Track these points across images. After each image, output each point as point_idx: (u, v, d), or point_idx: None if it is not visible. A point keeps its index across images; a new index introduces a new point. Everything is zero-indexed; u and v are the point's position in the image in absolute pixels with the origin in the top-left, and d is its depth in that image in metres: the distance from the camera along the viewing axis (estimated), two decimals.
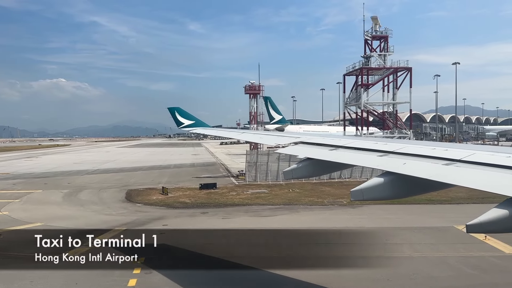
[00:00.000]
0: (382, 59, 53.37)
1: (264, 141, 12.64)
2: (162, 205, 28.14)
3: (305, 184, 36.05)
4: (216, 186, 34.61)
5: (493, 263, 14.79)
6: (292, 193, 32.38)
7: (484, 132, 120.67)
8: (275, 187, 35.01)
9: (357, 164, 7.54)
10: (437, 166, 5.68)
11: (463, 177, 5.17)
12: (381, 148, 7.21)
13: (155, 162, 65.73)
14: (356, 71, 54.78)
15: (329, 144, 8.38)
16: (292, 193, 32.38)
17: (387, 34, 53.87)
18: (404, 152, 6.71)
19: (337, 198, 29.50)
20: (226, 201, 29.01)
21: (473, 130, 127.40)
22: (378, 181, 6.09)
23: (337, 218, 23.40)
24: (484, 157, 5.50)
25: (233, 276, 12.44)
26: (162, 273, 12.46)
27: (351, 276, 12.59)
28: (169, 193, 32.21)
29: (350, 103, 55.64)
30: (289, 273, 12.30)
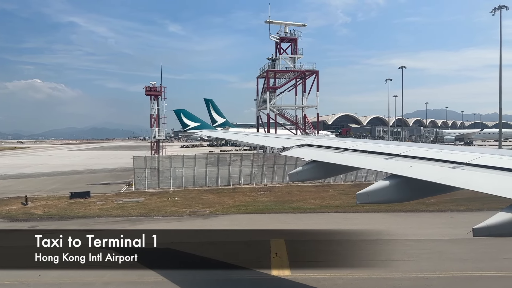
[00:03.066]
0: (292, 62, 52.28)
1: (269, 143, 12.67)
2: (5, 216, 24.71)
3: (193, 192, 33.42)
4: (89, 195, 31.21)
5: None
6: (166, 202, 29.14)
7: (442, 136, 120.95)
8: (156, 196, 31.74)
9: (363, 167, 7.53)
10: (443, 169, 5.67)
11: (470, 180, 5.15)
12: (387, 151, 7.21)
13: (80, 166, 60.49)
14: (262, 74, 53.77)
15: (334, 146, 8.38)
16: (166, 202, 29.14)
17: (295, 37, 52.85)
18: (410, 155, 6.70)
19: (208, 207, 26.99)
20: (80, 213, 25.62)
21: (431, 133, 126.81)
22: (384, 184, 6.08)
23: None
24: (490, 160, 5.49)
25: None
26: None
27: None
28: (31, 202, 28.37)
29: (261, 106, 54.60)
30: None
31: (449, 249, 16.38)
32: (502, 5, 46.32)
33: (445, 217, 23.27)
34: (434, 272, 13.58)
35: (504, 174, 4.98)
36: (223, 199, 30.25)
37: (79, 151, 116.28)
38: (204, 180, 36.42)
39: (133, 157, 36.60)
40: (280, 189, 34.62)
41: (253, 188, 35.23)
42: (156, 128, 47.11)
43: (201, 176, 36.47)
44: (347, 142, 8.65)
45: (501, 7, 46.38)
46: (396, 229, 19.51)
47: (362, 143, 8.47)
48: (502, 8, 46.32)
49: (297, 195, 31.23)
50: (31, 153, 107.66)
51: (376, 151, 7.40)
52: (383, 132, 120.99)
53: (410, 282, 12.87)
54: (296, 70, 52.43)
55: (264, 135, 14.90)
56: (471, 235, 4.52)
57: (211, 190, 34.49)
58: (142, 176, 35.53)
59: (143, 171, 35.43)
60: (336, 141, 9.15)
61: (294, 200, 28.91)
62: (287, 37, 53.05)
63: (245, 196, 31.09)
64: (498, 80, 45.38)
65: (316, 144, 9.02)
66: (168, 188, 35.15)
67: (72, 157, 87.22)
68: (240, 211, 25.62)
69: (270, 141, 12.07)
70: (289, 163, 37.38)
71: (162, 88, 46.65)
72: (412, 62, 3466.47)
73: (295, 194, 31.69)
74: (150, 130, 48.23)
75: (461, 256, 15.23)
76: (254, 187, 35.79)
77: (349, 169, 8.02)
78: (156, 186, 35.35)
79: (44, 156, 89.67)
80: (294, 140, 10.10)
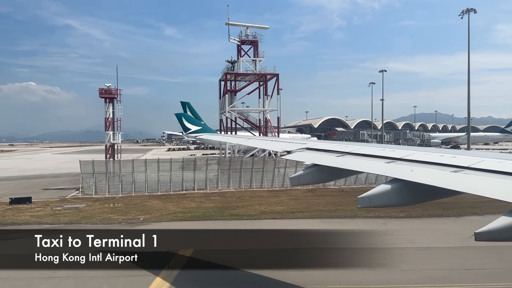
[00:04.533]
0: (254, 65, 51.44)
1: (270, 147, 12.67)
2: None
3: (141, 198, 32.14)
4: (30, 201, 30.02)
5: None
6: (105, 209, 27.86)
7: (429, 140, 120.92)
8: (100, 202, 30.35)
9: (364, 170, 7.52)
10: (445, 173, 5.66)
11: (472, 184, 5.14)
12: (388, 155, 7.20)
13: (49, 170, 58.39)
14: (223, 77, 53.09)
15: (336, 150, 8.38)
16: (105, 209, 27.86)
17: (256, 39, 51.97)
18: (411, 159, 6.69)
19: (146, 214, 25.90)
20: (10, 220, 24.38)
21: (418, 137, 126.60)
22: (385, 188, 6.06)
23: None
24: (492, 165, 5.48)
25: None
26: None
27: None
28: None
29: (222, 109, 53.86)
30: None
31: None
32: (470, 8, 47.18)
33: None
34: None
35: (506, 178, 4.97)
36: (167, 205, 29.04)
37: (61, 154, 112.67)
38: (157, 185, 35.06)
39: (80, 161, 35.09)
40: (233, 194, 33.56)
41: (205, 194, 34.04)
42: (111, 131, 45.11)
43: (154, 181, 35.10)
44: (349, 146, 8.65)
45: (469, 10, 47.11)
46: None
47: (364, 146, 8.46)
48: (470, 11, 47.06)
49: (247, 200, 30.45)
50: (11, 156, 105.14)
51: (377, 155, 7.40)
52: (367, 136, 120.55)
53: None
54: (256, 73, 51.57)
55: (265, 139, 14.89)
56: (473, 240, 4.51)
57: (161, 196, 33.11)
58: (90, 181, 34.19)
59: (92, 176, 34.21)
60: (337, 144, 9.15)
61: (240, 206, 28.12)
62: (248, 39, 51.92)
63: (193, 202, 30.07)
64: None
65: (318, 148, 9.01)
66: (117, 193, 33.75)
67: (49, 160, 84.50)
68: (175, 218, 24.56)
69: (271, 145, 12.08)
70: (256, 168, 36.80)
71: (118, 91, 44.83)
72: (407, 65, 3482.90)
73: (246, 200, 30.86)
74: (105, 134, 45.78)
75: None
76: (207, 192, 34.59)
77: (351, 173, 8.01)
78: (106, 191, 34.00)
79: (21, 160, 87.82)
80: (296, 143, 10.10)
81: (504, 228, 4.38)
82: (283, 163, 38.11)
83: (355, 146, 8.58)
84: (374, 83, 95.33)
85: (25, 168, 63.40)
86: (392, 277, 13.31)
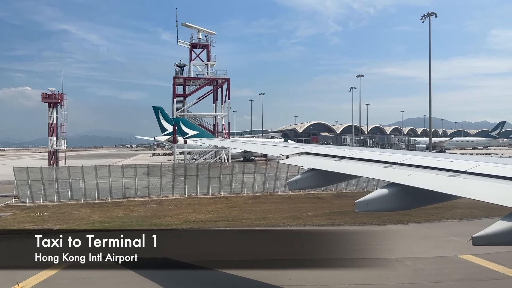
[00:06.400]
0: (206, 69, 50.45)
1: (268, 151, 12.66)
2: None
3: (73, 206, 30.63)
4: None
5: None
6: (28, 218, 26.81)
7: (414, 144, 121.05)
8: (28, 211, 28.87)
9: (362, 175, 7.53)
10: (442, 178, 5.67)
11: (468, 188, 5.16)
12: (386, 159, 7.21)
13: (7, 177, 53.80)
14: (175, 81, 52.03)
15: (333, 154, 8.39)
16: (28, 218, 26.81)
17: (208, 43, 50.83)
18: (409, 163, 6.71)
19: (64, 224, 24.64)
20: None
21: (402, 142, 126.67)
22: (382, 192, 6.08)
23: None
24: (489, 169, 5.50)
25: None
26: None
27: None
28: None
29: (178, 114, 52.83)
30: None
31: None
32: (431, 12, 47.45)
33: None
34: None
35: (503, 183, 4.98)
36: (94, 214, 27.62)
37: (42, 159, 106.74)
38: (103, 193, 33.77)
39: (14, 168, 33.33)
40: (171, 202, 32.00)
41: (144, 202, 32.46)
42: (55, 137, 42.93)
43: (93, 189, 33.59)
44: (346, 150, 8.66)
45: (430, 14, 47.37)
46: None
47: (361, 151, 8.47)
48: (431, 15, 47.33)
49: (181, 209, 29.07)
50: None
51: (375, 159, 7.41)
52: (349, 141, 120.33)
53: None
54: (206, 77, 50.50)
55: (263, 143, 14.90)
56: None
57: (95, 204, 31.42)
58: (26, 188, 32.74)
59: (27, 183, 32.89)
60: (335, 149, 9.16)
61: (169, 215, 26.88)
62: (200, 43, 50.42)
63: (124, 211, 28.64)
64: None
65: (315, 152, 9.02)
66: (53, 201, 32.23)
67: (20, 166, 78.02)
68: (92, 227, 22.91)
69: (269, 149, 12.09)
70: (213, 175, 35.76)
71: (62, 96, 42.88)
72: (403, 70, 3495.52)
73: (181, 208, 29.44)
74: (48, 140, 43.60)
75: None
76: (147, 200, 33.02)
77: (348, 177, 8.03)
78: (44, 199, 32.59)
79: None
80: (293, 148, 10.11)
81: (502, 232, 4.39)
82: (241, 168, 36.82)
83: (352, 150, 8.60)
84: (354, 88, 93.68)
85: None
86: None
